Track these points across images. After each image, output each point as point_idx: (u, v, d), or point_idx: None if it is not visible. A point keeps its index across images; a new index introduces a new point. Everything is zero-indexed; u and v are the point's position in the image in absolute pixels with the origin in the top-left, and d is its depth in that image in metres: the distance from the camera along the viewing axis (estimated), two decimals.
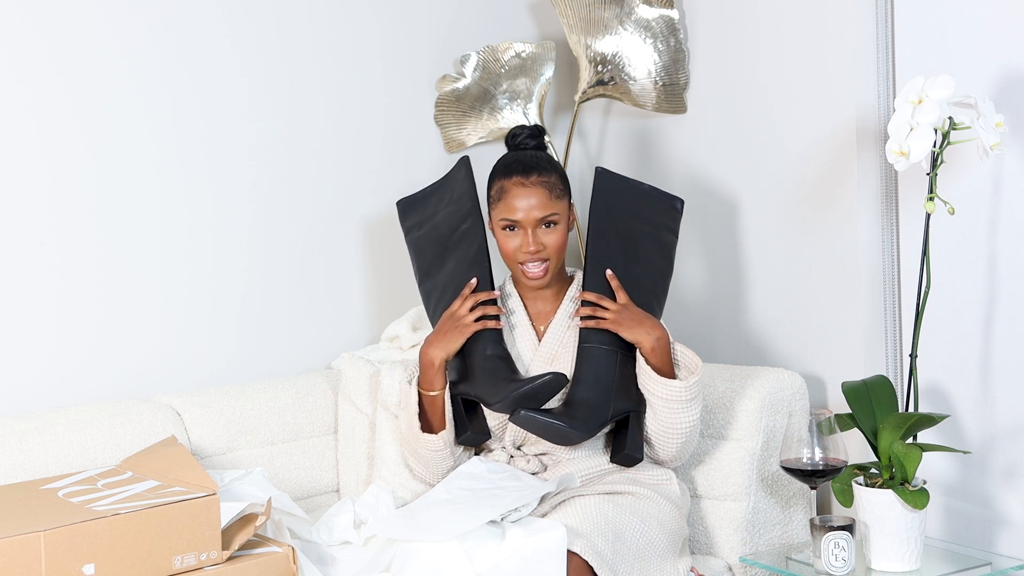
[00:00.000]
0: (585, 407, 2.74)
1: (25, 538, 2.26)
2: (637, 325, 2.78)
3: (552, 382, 2.71)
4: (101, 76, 2.99)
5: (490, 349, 2.80)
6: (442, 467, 2.82)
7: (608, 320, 2.78)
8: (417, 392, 2.80)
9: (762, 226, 3.23)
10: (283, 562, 2.47)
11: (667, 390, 2.75)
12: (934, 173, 2.68)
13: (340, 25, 3.30)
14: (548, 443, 2.80)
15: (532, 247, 2.79)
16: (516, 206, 2.79)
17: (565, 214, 2.83)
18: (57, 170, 2.95)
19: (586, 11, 3.39)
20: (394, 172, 3.38)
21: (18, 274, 2.92)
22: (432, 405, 2.79)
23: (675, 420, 2.77)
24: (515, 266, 2.83)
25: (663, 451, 2.82)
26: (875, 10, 3.00)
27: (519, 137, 2.91)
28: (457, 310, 2.81)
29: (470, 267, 2.85)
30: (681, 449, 2.82)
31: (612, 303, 2.80)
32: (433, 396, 2.78)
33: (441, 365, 2.79)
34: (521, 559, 2.50)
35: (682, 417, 2.76)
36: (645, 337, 2.78)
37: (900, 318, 3.04)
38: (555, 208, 2.80)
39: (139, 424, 2.83)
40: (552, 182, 2.81)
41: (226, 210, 3.16)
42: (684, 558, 2.77)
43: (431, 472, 2.84)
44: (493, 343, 2.81)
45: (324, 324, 3.30)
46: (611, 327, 2.79)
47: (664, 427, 2.78)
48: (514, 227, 2.80)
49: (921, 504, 2.62)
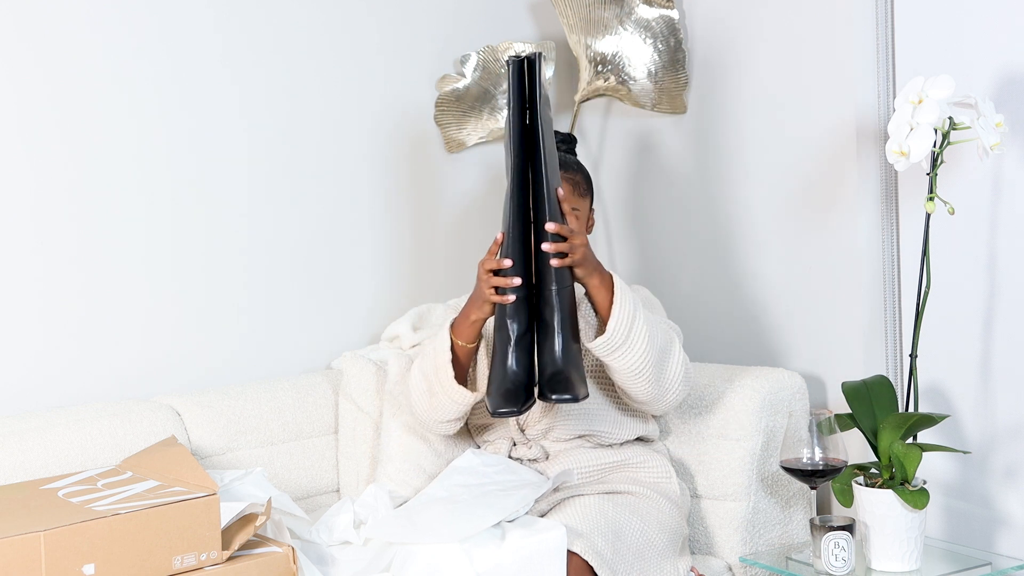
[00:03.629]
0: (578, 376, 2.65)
1: (25, 538, 2.26)
2: (595, 269, 2.67)
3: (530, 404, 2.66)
4: (91, 74, 2.97)
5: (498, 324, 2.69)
6: (450, 414, 2.77)
7: (577, 256, 2.63)
8: (449, 336, 2.74)
9: (762, 226, 3.23)
10: (283, 562, 2.47)
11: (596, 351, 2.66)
12: (934, 173, 2.68)
13: (340, 25, 3.30)
14: (547, 423, 2.83)
15: None
16: None
17: (585, 212, 2.86)
18: (64, 165, 2.95)
19: (586, 11, 3.39)
20: (394, 172, 3.37)
21: (18, 274, 2.92)
22: (456, 355, 2.74)
23: (622, 366, 2.67)
24: None
25: (640, 394, 2.72)
26: (875, 10, 3.00)
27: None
28: (480, 273, 2.67)
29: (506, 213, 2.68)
30: (655, 385, 2.70)
31: (578, 236, 2.64)
32: (461, 346, 2.74)
33: (476, 321, 2.71)
34: (521, 559, 2.50)
35: (627, 360, 2.66)
36: (599, 281, 2.67)
37: (900, 318, 3.04)
38: (577, 204, 2.83)
39: (139, 424, 2.83)
40: (577, 180, 2.86)
41: (227, 210, 3.16)
42: (684, 558, 2.77)
43: (434, 416, 2.78)
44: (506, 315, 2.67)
45: (324, 324, 3.30)
46: (577, 265, 2.64)
47: (622, 377, 2.70)
48: None
49: (921, 504, 2.62)
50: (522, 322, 2.63)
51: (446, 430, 2.84)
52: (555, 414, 2.84)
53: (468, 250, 3.41)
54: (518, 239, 2.63)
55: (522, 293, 2.63)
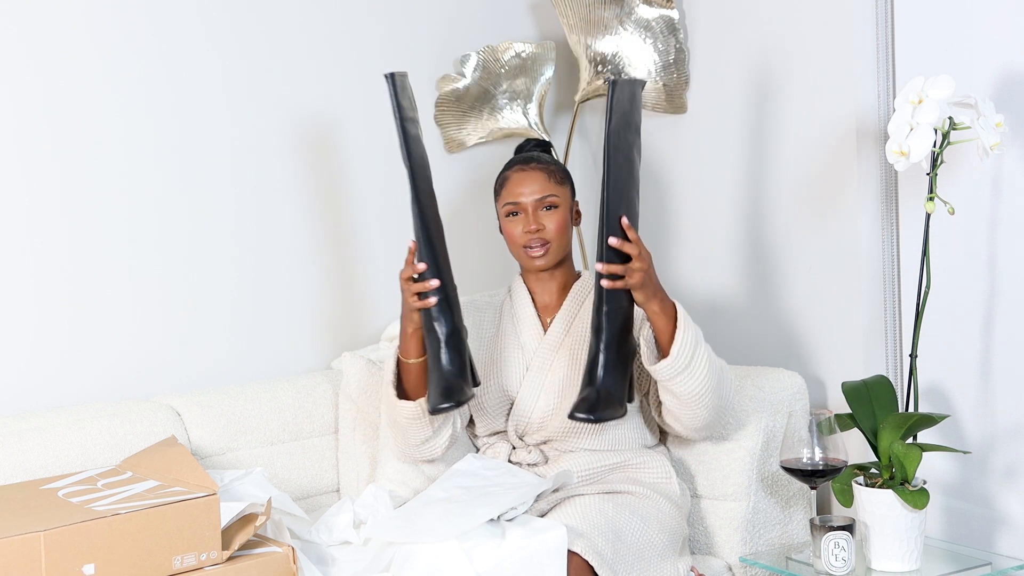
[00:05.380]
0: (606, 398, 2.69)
1: (25, 538, 2.26)
2: (655, 294, 2.68)
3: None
4: (83, 77, 2.98)
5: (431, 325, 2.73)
6: (419, 435, 2.79)
7: (633, 280, 2.65)
8: (396, 358, 2.80)
9: (762, 226, 3.23)
10: (283, 562, 2.47)
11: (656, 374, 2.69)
12: (934, 173, 2.68)
13: (340, 25, 3.30)
14: (550, 432, 2.84)
15: (533, 225, 2.82)
16: (516, 190, 2.85)
17: (566, 201, 2.87)
18: (62, 167, 2.95)
19: (586, 11, 3.39)
20: (394, 172, 3.37)
21: (14, 272, 2.92)
22: (408, 372, 2.79)
23: (683, 390, 2.70)
24: (520, 251, 2.87)
25: (693, 421, 2.75)
26: (875, 10, 3.00)
27: (526, 147, 2.99)
28: (401, 285, 2.72)
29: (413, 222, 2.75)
30: (712, 411, 2.73)
31: (639, 260, 2.66)
32: (409, 364, 2.78)
33: (415, 334, 2.74)
34: (521, 559, 2.50)
35: (688, 386, 2.69)
36: (659, 307, 2.69)
37: (900, 318, 3.04)
38: (554, 191, 2.85)
39: (139, 424, 2.83)
40: (551, 169, 2.88)
41: (226, 210, 3.16)
42: (684, 558, 2.77)
43: (408, 442, 2.81)
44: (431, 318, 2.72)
45: (324, 324, 3.30)
46: (634, 288, 2.66)
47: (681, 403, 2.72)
48: (516, 212, 2.85)
49: (921, 504, 2.62)
50: (447, 321, 2.70)
51: (429, 453, 2.83)
52: (555, 428, 2.85)
53: (468, 249, 3.41)
54: (426, 243, 2.71)
55: (442, 295, 2.70)
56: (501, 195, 2.89)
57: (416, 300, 2.69)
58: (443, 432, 2.81)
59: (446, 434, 2.82)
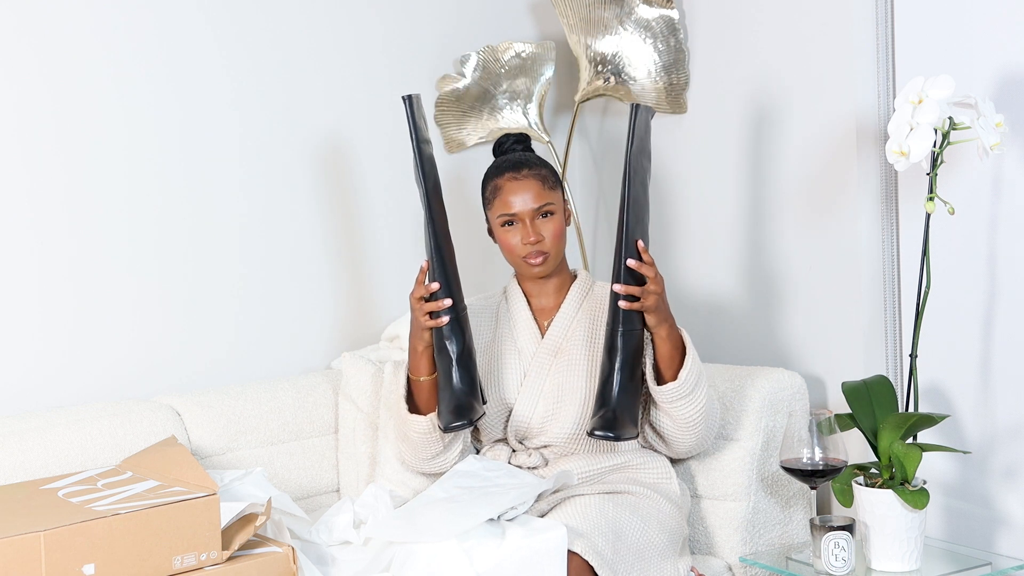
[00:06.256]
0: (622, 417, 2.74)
1: (25, 538, 2.26)
2: (665, 320, 2.74)
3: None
4: (89, 81, 2.98)
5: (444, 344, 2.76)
6: (430, 450, 2.81)
7: (648, 303, 2.71)
8: (406, 375, 2.81)
9: (762, 226, 3.23)
10: (283, 562, 2.47)
11: (660, 395, 2.75)
12: (934, 173, 2.67)
13: (340, 25, 3.30)
14: (549, 436, 2.84)
15: (532, 237, 2.81)
16: (511, 200, 2.82)
17: (560, 205, 2.86)
18: (66, 170, 2.95)
19: (586, 11, 3.39)
20: (394, 172, 3.37)
21: (17, 272, 2.92)
22: (419, 389, 2.80)
23: (681, 415, 2.76)
24: (518, 260, 2.85)
25: (681, 445, 2.82)
26: (875, 10, 3.00)
27: (506, 144, 2.95)
28: (412, 303, 2.75)
29: (426, 241, 2.78)
30: (700, 439, 2.82)
31: (654, 283, 2.72)
32: (420, 382, 2.79)
33: (425, 352, 2.77)
34: (521, 559, 2.50)
35: (687, 411, 2.76)
36: (667, 333, 2.74)
37: (900, 318, 3.04)
38: (549, 198, 2.84)
39: (139, 424, 2.83)
40: (544, 174, 2.86)
41: (225, 210, 3.16)
42: (684, 558, 2.77)
43: (419, 456, 2.82)
44: (443, 337, 2.76)
45: (324, 324, 3.30)
46: (647, 311, 2.72)
47: (676, 425, 2.79)
48: (512, 221, 2.84)
49: (921, 504, 2.62)
50: (459, 341, 2.74)
51: (440, 466, 2.85)
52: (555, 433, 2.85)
53: (469, 249, 3.40)
54: (439, 263, 2.74)
55: (454, 314, 2.73)
56: (494, 205, 2.85)
57: (428, 320, 2.72)
58: (453, 447, 2.83)
59: (456, 449, 2.84)
